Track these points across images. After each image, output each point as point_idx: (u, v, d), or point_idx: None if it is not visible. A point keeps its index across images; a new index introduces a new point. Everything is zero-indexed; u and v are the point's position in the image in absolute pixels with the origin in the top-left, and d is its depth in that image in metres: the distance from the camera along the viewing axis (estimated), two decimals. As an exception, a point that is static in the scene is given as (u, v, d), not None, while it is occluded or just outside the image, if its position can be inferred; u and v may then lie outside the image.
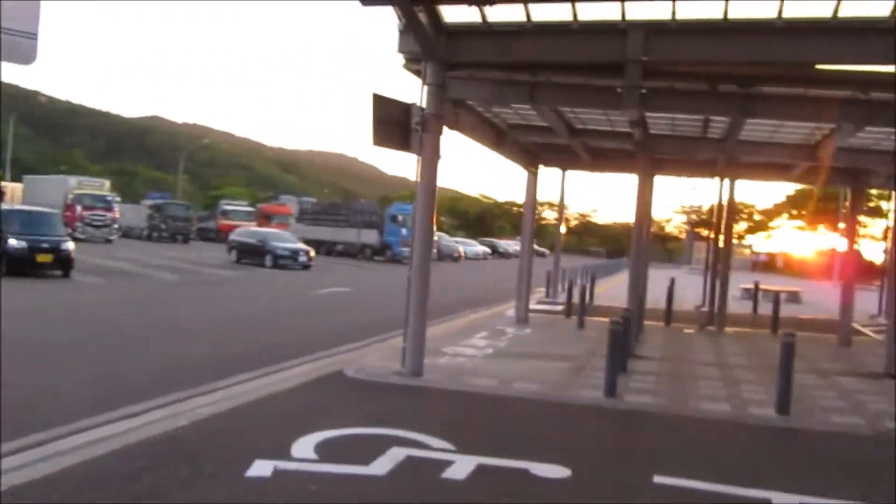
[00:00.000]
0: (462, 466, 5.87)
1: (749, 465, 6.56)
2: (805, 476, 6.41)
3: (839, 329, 15.14)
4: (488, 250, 57.69)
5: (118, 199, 44.92)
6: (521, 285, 16.34)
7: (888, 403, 9.17)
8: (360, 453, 6.03)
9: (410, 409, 7.93)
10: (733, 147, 13.11)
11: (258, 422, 7.05)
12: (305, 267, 29.60)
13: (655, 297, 18.99)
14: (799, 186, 50.77)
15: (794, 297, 25.12)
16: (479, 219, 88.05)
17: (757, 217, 67.15)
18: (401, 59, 10.23)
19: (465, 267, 44.27)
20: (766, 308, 18.91)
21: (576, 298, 16.65)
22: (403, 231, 39.92)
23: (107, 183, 45.93)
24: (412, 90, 9.66)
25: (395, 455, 6.03)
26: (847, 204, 15.72)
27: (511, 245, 57.55)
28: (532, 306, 19.07)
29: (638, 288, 12.96)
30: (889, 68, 8.85)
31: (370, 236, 41.02)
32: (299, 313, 16.62)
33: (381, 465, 5.77)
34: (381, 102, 9.58)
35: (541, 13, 9.34)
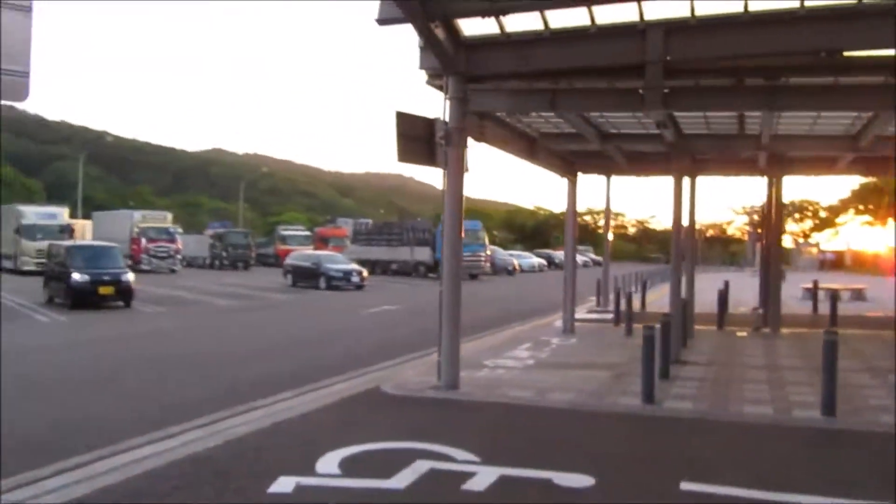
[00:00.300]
0: (483, 478, 5.86)
1: (784, 469, 6.34)
2: (841, 478, 6.16)
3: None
4: (544, 262, 57.17)
5: (180, 230, 46.50)
6: (566, 295, 16.20)
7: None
8: (383, 467, 6.09)
9: (441, 423, 7.96)
10: (771, 142, 12.75)
11: (289, 439, 7.20)
12: (359, 287, 30.02)
13: (712, 300, 18.52)
14: (864, 180, 48.81)
15: (858, 295, 24.11)
16: (536, 231, 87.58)
17: (822, 214, 64.75)
18: (424, 75, 10.38)
19: (520, 279, 44.01)
20: (828, 307, 18.14)
21: (626, 306, 16.38)
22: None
23: (169, 215, 47.62)
24: (439, 105, 9.81)
25: (417, 468, 6.07)
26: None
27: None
28: (582, 315, 18.88)
29: (679, 292, 12.65)
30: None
31: (423, 253, 41.26)
32: (346, 332, 16.86)
33: (402, 479, 5.82)
34: (404, 119, 9.72)
35: (558, 19, 9.35)
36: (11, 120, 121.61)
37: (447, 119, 9.57)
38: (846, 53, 8.61)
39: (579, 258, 57.62)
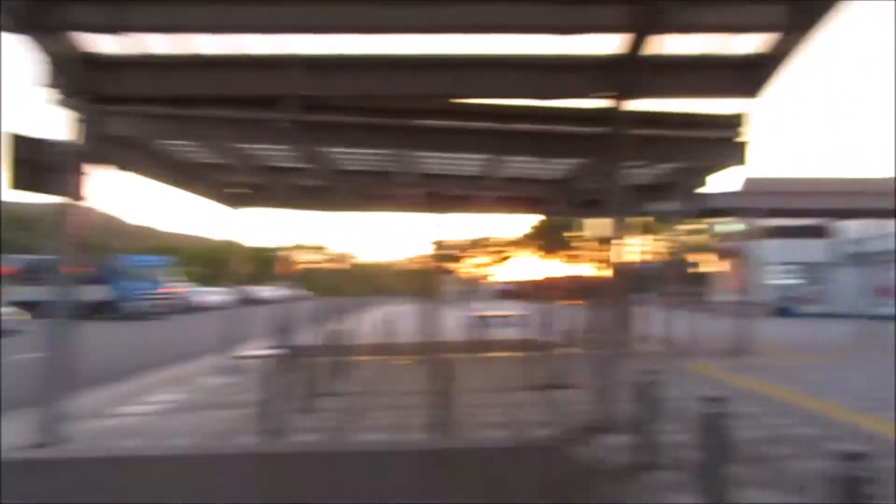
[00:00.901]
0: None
1: (382, 489, 6.49)
2: (429, 496, 6.47)
3: (537, 346, 16.28)
4: (238, 298, 55.11)
5: None
6: (232, 333, 15.61)
7: (538, 414, 9.84)
8: None
9: (18, 487, 6.88)
10: (421, 181, 13.58)
11: None
12: (13, 332, 26.07)
13: (389, 331, 19.20)
14: (541, 217, 55.20)
15: (517, 320, 26.82)
16: (238, 266, 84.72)
17: (498, 249, 72.08)
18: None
19: (208, 317, 41.81)
20: (493, 333, 19.92)
21: (305, 342, 16.22)
22: (138, 284, 37.03)
23: None
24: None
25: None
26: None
27: (266, 291, 55.71)
28: (257, 352, 18.32)
29: (323, 326, 12.81)
30: (524, 101, 9.62)
31: (99, 292, 37.22)
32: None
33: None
34: (18, 142, 8.55)
35: (206, 46, 8.89)
36: None
37: (76, 142, 8.62)
38: (454, 100, 9.39)
39: (279, 293, 57.02)
